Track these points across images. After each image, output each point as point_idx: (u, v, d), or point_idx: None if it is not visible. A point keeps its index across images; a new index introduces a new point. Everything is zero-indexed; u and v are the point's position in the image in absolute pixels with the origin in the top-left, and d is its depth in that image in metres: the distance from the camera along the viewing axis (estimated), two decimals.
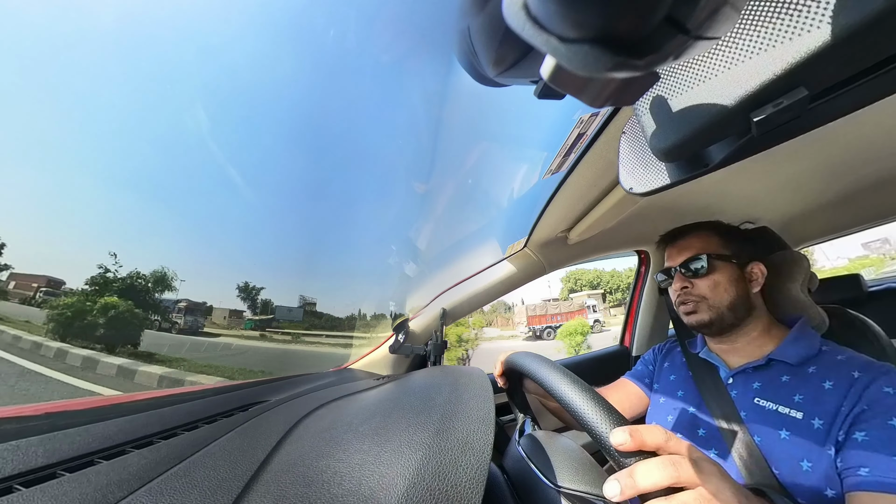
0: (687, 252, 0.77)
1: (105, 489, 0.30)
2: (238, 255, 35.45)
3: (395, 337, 1.10)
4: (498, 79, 0.24)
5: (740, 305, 0.72)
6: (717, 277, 0.73)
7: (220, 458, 0.37)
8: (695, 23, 0.13)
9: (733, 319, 0.72)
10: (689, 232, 0.80)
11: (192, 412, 0.53)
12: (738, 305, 0.72)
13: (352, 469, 0.33)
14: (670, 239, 0.83)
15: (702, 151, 0.29)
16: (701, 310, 0.73)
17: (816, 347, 0.67)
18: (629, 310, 1.53)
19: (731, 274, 0.73)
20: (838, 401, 0.57)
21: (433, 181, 1.22)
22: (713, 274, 0.73)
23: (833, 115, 0.24)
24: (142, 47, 47.85)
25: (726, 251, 0.75)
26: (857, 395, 0.56)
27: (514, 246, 1.13)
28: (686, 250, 0.77)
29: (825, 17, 0.18)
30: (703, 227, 0.80)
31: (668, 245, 0.83)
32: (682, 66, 0.25)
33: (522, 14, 0.13)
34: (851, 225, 1.42)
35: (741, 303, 0.72)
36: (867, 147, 0.83)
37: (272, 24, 25.94)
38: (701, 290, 0.74)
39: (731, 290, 0.72)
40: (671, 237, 0.83)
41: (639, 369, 0.96)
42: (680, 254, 0.78)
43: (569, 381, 0.41)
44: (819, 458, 0.55)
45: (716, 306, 0.72)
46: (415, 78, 0.98)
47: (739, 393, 0.69)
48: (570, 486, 0.44)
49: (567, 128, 0.68)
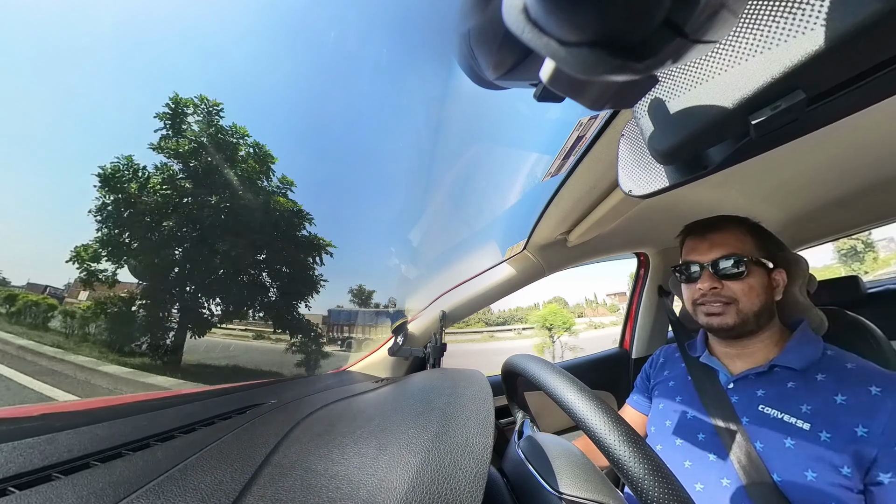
0: (720, 249, 0.70)
1: (100, 492, 0.29)
2: None
3: (393, 339, 1.09)
4: (498, 82, 0.24)
5: (765, 312, 0.69)
6: (752, 282, 0.68)
7: (217, 460, 0.36)
8: (693, 26, 0.13)
9: (755, 327, 0.69)
10: (722, 226, 0.73)
11: (190, 414, 0.52)
12: (764, 312, 0.69)
13: (350, 472, 0.33)
14: (698, 231, 0.76)
15: (700, 154, 0.29)
16: (728, 312, 0.69)
17: (820, 351, 0.66)
18: (628, 312, 1.53)
19: (763, 280, 0.69)
20: (853, 419, 0.55)
21: (433, 184, 1.23)
22: (749, 278, 0.68)
23: (831, 118, 0.24)
24: (141, 47, 47.81)
25: (761, 254, 0.70)
26: (883, 423, 0.53)
27: (513, 248, 1.13)
28: (720, 247, 0.71)
29: (822, 21, 0.19)
30: (735, 223, 0.74)
31: (695, 237, 0.75)
32: (681, 69, 0.26)
33: (522, 17, 0.14)
34: (849, 227, 1.43)
35: (766, 310, 0.69)
36: (865, 150, 0.83)
37: (272, 26, 26.08)
38: (733, 293, 0.68)
39: (762, 296, 0.68)
40: (700, 229, 0.76)
41: (638, 385, 0.96)
42: (711, 249, 0.71)
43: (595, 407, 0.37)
44: (824, 469, 0.55)
45: (744, 311, 0.68)
46: (415, 81, 0.99)
47: (741, 399, 0.68)
48: (572, 492, 0.44)
49: (566, 130, 0.69)
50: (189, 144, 9.28)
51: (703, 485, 0.65)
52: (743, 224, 0.74)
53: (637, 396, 0.94)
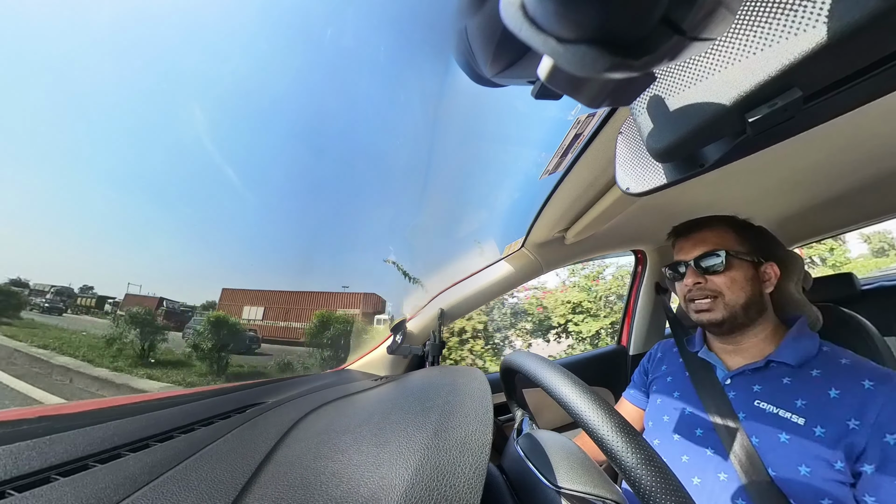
0: (703, 246, 0.74)
1: (100, 493, 0.29)
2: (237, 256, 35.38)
3: (392, 337, 1.09)
4: (495, 79, 0.24)
5: (754, 306, 0.70)
6: (734, 275, 0.70)
7: (216, 460, 0.36)
8: (690, 24, 0.13)
9: (745, 320, 0.71)
10: (704, 225, 0.77)
11: (189, 414, 0.52)
12: (752, 306, 0.70)
13: (350, 470, 0.33)
14: (684, 231, 0.80)
15: (698, 151, 0.29)
16: (715, 308, 0.71)
17: (816, 348, 0.66)
18: (626, 309, 1.54)
19: (746, 272, 0.71)
20: (845, 413, 0.56)
21: (430, 182, 1.22)
22: (730, 271, 0.71)
23: (827, 116, 0.24)
24: (140, 48, 47.18)
25: (744, 248, 0.73)
26: (874, 416, 0.54)
27: (511, 246, 1.13)
28: (702, 244, 0.74)
29: (819, 19, 0.19)
30: (720, 222, 0.77)
31: (681, 238, 0.80)
32: (678, 67, 0.26)
33: (520, 15, 0.14)
34: (844, 224, 1.44)
35: (755, 303, 0.71)
36: (862, 147, 0.84)
37: (267, 21, 25.64)
38: (717, 286, 0.71)
39: (747, 288, 0.70)
40: (685, 230, 0.80)
41: (635, 380, 0.96)
42: (695, 248, 0.75)
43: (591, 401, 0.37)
44: (818, 465, 0.55)
45: (731, 305, 0.70)
46: (412, 78, 0.98)
47: (738, 394, 0.69)
48: (570, 486, 0.44)
49: (564, 128, 0.69)
50: None
51: (700, 479, 0.65)
52: (726, 222, 0.77)
53: (634, 391, 0.94)
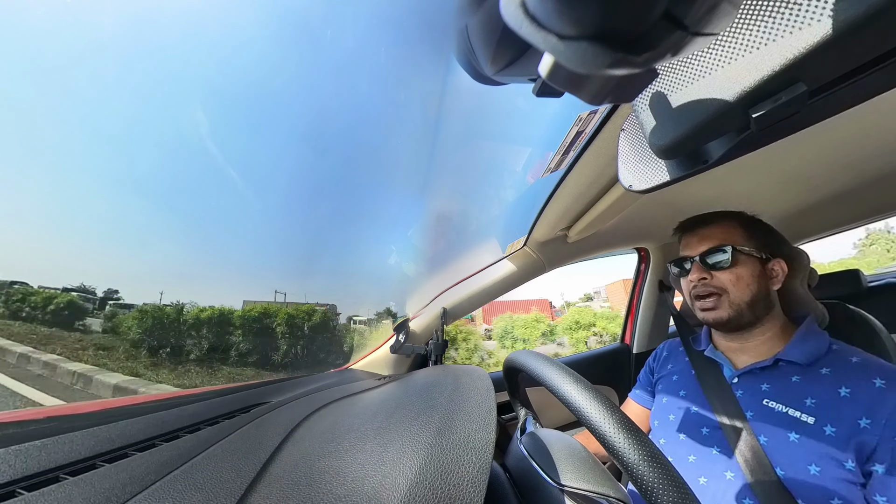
0: (708, 242, 0.73)
1: (107, 492, 0.30)
2: (237, 257, 35.36)
3: (395, 337, 1.10)
4: (496, 77, 0.24)
5: (760, 303, 0.69)
6: (740, 271, 0.69)
7: (222, 459, 0.37)
8: (693, 19, 0.13)
9: (751, 317, 0.70)
10: (711, 221, 0.76)
11: (194, 414, 0.53)
12: (758, 303, 0.69)
13: (354, 469, 0.33)
14: (690, 227, 0.79)
15: (701, 148, 0.29)
16: (721, 306, 0.70)
17: (825, 346, 0.66)
18: (629, 307, 1.53)
19: (753, 269, 0.70)
20: (856, 411, 0.56)
21: (431, 180, 1.22)
22: (736, 267, 0.69)
23: (832, 111, 0.24)
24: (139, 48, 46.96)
25: (750, 244, 0.71)
26: (886, 415, 0.54)
27: (513, 245, 1.13)
28: (707, 240, 0.73)
29: (824, 12, 0.18)
30: (727, 217, 0.76)
31: (687, 234, 0.79)
32: (681, 63, 0.25)
33: (520, 12, 0.13)
34: (850, 221, 1.42)
35: (761, 300, 0.69)
36: (867, 142, 0.83)
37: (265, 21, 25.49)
38: (722, 283, 0.70)
39: (753, 285, 0.69)
40: (691, 225, 0.78)
41: (641, 380, 0.96)
42: (701, 243, 0.74)
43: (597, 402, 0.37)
44: (828, 464, 0.55)
45: (736, 302, 0.69)
46: (413, 77, 0.98)
47: (746, 393, 0.68)
48: (574, 484, 0.44)
49: (566, 126, 0.68)
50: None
51: (706, 478, 0.65)
52: (734, 217, 0.76)
53: (639, 391, 0.94)
